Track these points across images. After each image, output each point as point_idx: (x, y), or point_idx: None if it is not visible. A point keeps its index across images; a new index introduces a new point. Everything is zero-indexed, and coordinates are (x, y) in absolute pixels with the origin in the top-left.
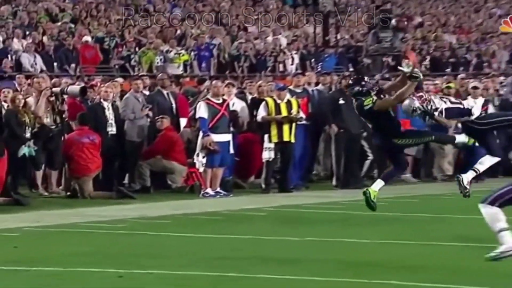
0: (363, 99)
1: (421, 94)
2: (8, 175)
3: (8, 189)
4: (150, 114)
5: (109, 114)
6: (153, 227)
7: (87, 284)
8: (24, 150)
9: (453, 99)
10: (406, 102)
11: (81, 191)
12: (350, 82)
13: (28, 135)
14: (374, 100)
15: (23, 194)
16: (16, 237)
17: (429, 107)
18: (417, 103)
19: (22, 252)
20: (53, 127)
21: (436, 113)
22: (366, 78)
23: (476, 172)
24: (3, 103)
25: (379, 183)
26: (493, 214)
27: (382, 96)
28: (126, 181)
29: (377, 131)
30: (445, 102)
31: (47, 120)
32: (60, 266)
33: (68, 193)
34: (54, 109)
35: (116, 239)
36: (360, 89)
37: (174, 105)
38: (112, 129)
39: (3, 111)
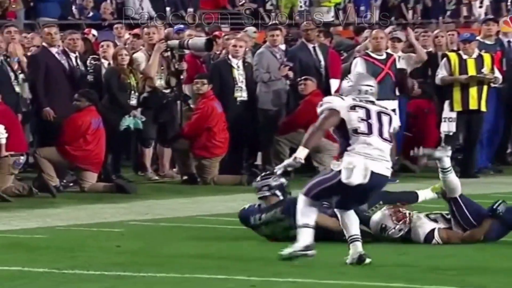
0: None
1: (397, 209)
2: (108, 154)
3: (108, 172)
4: (291, 74)
5: (238, 75)
6: None
7: None
8: (128, 122)
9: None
10: (376, 217)
11: (203, 175)
12: (258, 180)
13: (133, 102)
14: None
15: (127, 178)
16: (119, 233)
17: (405, 228)
18: (389, 222)
19: (127, 253)
20: (167, 91)
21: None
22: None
23: None
24: (103, 60)
25: None
26: (304, 208)
27: None
28: (258, 162)
29: None
30: (436, 221)
31: (160, 83)
32: (176, 271)
33: (185, 177)
34: (169, 68)
35: (247, 238)
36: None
37: (322, 63)
38: (242, 95)
39: (103, 71)
